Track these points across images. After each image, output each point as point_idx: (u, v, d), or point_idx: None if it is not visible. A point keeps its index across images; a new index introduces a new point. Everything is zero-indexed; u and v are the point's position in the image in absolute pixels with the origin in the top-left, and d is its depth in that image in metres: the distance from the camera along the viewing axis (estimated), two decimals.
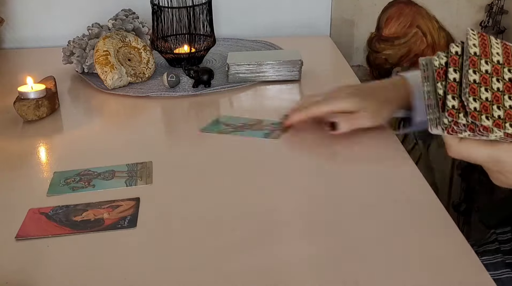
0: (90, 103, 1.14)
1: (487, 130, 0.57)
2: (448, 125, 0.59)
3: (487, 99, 0.57)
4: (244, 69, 1.17)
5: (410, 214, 0.73)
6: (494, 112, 0.57)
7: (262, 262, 0.65)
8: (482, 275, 0.62)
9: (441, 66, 0.60)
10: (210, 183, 0.82)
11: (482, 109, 0.56)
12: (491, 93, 0.57)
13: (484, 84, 0.57)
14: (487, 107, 0.57)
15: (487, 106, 0.57)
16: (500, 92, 0.58)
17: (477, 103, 0.57)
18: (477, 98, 0.57)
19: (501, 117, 0.57)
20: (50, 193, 0.81)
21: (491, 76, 0.58)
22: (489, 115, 0.57)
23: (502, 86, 0.58)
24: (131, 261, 0.67)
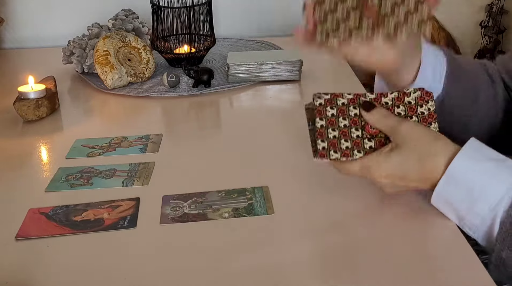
0: (90, 103, 1.14)
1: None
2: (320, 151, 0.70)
3: (334, 137, 0.70)
4: (244, 69, 1.17)
5: (410, 214, 0.73)
6: (342, 145, 0.70)
7: (262, 262, 0.65)
8: (484, 276, 0.62)
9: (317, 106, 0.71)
10: (210, 183, 0.82)
11: (331, 146, 0.70)
12: (338, 131, 0.70)
13: (331, 125, 0.70)
14: (335, 143, 0.70)
15: (335, 142, 0.70)
16: (346, 127, 0.70)
17: (325, 143, 0.70)
18: (325, 139, 0.70)
19: (348, 147, 0.70)
20: (49, 189, 0.82)
21: (337, 117, 0.71)
22: (337, 149, 0.70)
23: (348, 122, 0.71)
24: (131, 261, 0.67)
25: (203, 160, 0.89)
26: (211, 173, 0.85)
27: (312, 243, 0.69)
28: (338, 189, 0.79)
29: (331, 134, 0.70)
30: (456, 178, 0.64)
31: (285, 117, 1.02)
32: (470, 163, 0.64)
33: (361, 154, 0.69)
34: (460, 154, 0.64)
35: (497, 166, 0.64)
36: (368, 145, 0.69)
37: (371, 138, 0.70)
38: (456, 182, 0.64)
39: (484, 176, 0.64)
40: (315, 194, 0.79)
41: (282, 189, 0.79)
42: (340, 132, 0.70)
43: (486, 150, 0.66)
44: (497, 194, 0.63)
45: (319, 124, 0.70)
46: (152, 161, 0.88)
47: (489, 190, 0.63)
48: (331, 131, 0.70)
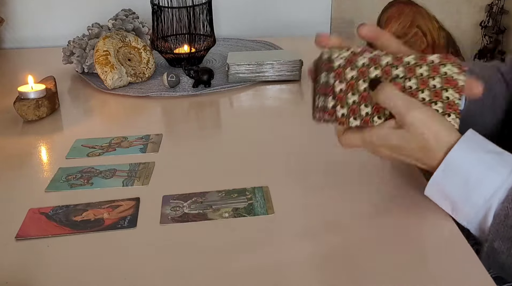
0: (90, 103, 1.14)
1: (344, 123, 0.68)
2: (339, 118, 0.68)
3: (354, 102, 0.67)
4: (244, 69, 1.17)
5: (410, 214, 0.73)
6: (362, 111, 0.67)
7: (262, 262, 0.65)
8: (484, 277, 0.62)
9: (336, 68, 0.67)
10: (210, 183, 0.82)
11: (350, 113, 0.67)
12: (358, 96, 0.67)
13: (350, 90, 0.67)
14: (354, 109, 0.67)
15: (355, 108, 0.67)
16: (355, 104, 0.68)
17: (344, 109, 0.67)
18: (345, 105, 0.67)
19: (368, 113, 0.67)
20: (49, 189, 0.82)
21: (357, 80, 0.67)
22: (356, 116, 0.68)
23: (357, 98, 0.67)
24: (131, 261, 0.67)
25: (203, 160, 0.89)
26: (211, 173, 0.85)
27: (312, 243, 0.69)
28: (338, 189, 0.79)
29: (350, 99, 0.67)
30: (453, 168, 0.65)
31: (285, 117, 1.02)
32: (468, 153, 0.65)
33: (381, 120, 0.67)
34: (458, 145, 0.65)
35: (494, 157, 0.65)
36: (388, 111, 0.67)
37: (380, 116, 0.68)
38: (453, 172, 0.65)
39: (481, 167, 0.64)
40: (315, 194, 0.79)
41: (282, 189, 0.79)
42: (360, 97, 0.67)
43: (485, 142, 0.67)
44: (493, 185, 0.63)
45: (338, 88, 0.67)
46: (152, 161, 0.88)
47: (485, 181, 0.64)
48: (351, 96, 0.67)
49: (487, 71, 0.85)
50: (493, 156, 0.65)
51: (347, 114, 0.68)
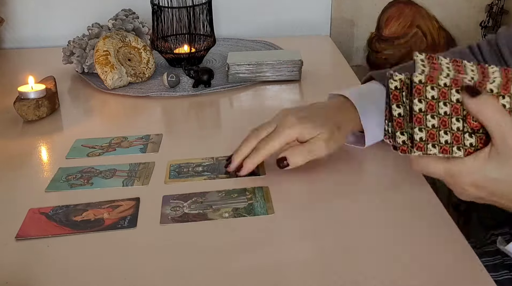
0: (90, 103, 1.14)
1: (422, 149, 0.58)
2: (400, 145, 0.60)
3: (433, 126, 0.57)
4: (244, 69, 1.17)
5: (410, 214, 0.73)
6: (441, 138, 0.57)
7: (262, 262, 0.65)
8: (484, 277, 0.62)
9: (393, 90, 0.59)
10: (210, 183, 0.82)
11: (429, 138, 0.57)
12: (437, 119, 0.57)
13: (430, 111, 0.57)
14: (433, 135, 0.57)
15: (434, 134, 0.57)
16: (447, 116, 0.57)
17: (423, 133, 0.57)
18: (424, 127, 0.57)
19: (448, 142, 0.57)
20: (49, 189, 0.82)
21: (438, 101, 0.57)
22: (435, 143, 0.57)
23: (449, 109, 0.57)
24: (131, 261, 0.67)
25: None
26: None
27: (312, 243, 0.69)
28: (338, 189, 0.79)
29: (430, 123, 0.57)
30: None
31: None
32: None
33: (461, 152, 0.57)
34: None
35: None
36: (468, 142, 0.57)
37: (472, 133, 0.57)
38: None
39: None
40: (315, 194, 0.79)
41: (282, 189, 0.79)
42: (440, 122, 0.57)
43: None
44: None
45: (417, 107, 0.56)
46: (152, 161, 0.88)
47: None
48: (430, 119, 0.57)
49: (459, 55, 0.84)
50: None
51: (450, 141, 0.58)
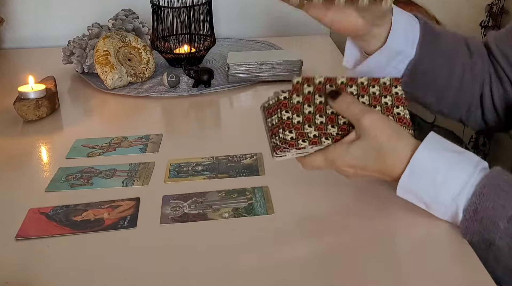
0: (90, 103, 1.14)
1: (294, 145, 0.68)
2: (275, 146, 0.69)
3: (298, 122, 0.68)
4: (244, 69, 1.17)
5: (409, 214, 0.73)
6: (309, 133, 0.68)
7: (262, 262, 0.65)
8: (484, 277, 0.62)
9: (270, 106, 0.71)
10: (210, 183, 0.82)
11: (298, 136, 0.68)
12: (302, 116, 0.69)
13: (296, 111, 0.69)
14: (302, 132, 0.68)
15: (301, 131, 0.68)
16: (311, 114, 0.69)
17: (292, 133, 0.68)
18: (292, 129, 0.68)
19: (316, 135, 0.68)
20: (49, 189, 0.82)
21: (302, 104, 0.69)
22: (305, 138, 0.68)
23: (313, 109, 0.69)
24: (131, 261, 0.67)
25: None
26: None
27: (312, 243, 0.69)
28: (338, 189, 0.79)
29: (295, 120, 0.69)
30: (419, 169, 0.66)
31: None
32: (432, 154, 0.66)
33: (329, 141, 0.68)
34: (422, 146, 0.66)
35: (457, 156, 0.66)
36: (334, 131, 0.69)
37: (334, 124, 0.70)
38: (419, 173, 0.66)
39: (446, 165, 0.65)
40: (315, 194, 0.79)
41: (282, 189, 0.79)
42: (304, 119, 0.69)
43: (447, 143, 0.68)
44: (459, 183, 0.65)
45: (285, 116, 0.69)
46: (152, 161, 0.88)
47: (451, 179, 0.65)
48: (296, 117, 0.69)
49: (453, 37, 0.84)
50: (456, 154, 0.66)
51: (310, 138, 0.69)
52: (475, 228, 0.64)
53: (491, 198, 0.63)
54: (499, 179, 0.65)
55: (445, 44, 0.81)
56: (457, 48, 0.83)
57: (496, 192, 0.63)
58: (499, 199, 0.63)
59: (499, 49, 0.83)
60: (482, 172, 0.65)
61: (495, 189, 0.63)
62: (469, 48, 0.84)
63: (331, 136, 0.69)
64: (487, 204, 0.63)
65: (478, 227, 0.64)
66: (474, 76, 0.83)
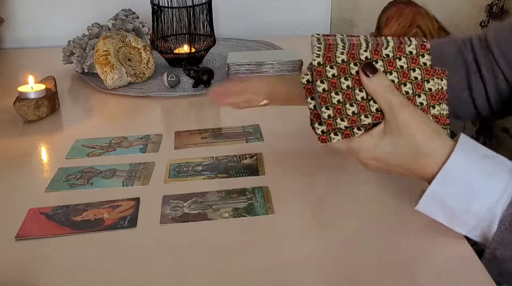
0: (90, 103, 1.14)
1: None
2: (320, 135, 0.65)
3: (338, 101, 0.62)
4: (244, 69, 1.17)
5: (410, 214, 0.73)
6: (348, 110, 0.62)
7: (262, 262, 0.65)
8: (484, 278, 0.62)
9: (306, 84, 0.65)
10: (210, 183, 0.82)
11: (336, 113, 0.62)
12: (341, 94, 0.62)
13: (333, 88, 0.62)
14: (340, 110, 0.62)
15: (340, 108, 0.62)
16: (350, 89, 0.62)
17: (330, 110, 0.62)
18: (330, 105, 0.62)
19: (355, 113, 0.63)
20: (49, 189, 0.82)
21: (339, 77, 0.62)
22: (343, 116, 0.63)
23: (351, 82, 0.62)
24: (131, 261, 0.67)
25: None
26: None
27: (312, 243, 0.69)
28: (338, 189, 0.79)
29: (334, 99, 0.62)
30: (453, 175, 0.62)
31: (285, 118, 1.02)
32: (467, 160, 0.62)
33: (369, 119, 0.63)
34: (457, 151, 0.62)
35: (491, 162, 0.63)
36: (374, 107, 0.63)
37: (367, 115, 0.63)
38: (453, 180, 0.62)
39: (483, 174, 0.62)
40: (315, 194, 0.79)
41: (282, 189, 0.79)
42: (344, 96, 0.62)
43: (480, 146, 0.64)
44: (496, 192, 0.61)
45: (320, 87, 0.62)
46: (152, 161, 0.88)
47: (488, 188, 0.61)
48: (335, 95, 0.62)
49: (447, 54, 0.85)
50: (490, 161, 0.63)
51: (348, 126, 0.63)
52: (510, 241, 0.61)
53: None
54: None
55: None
56: (453, 67, 0.83)
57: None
58: None
59: (499, 49, 0.82)
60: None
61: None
62: (458, 45, 0.85)
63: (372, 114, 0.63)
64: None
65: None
66: (459, 64, 0.84)
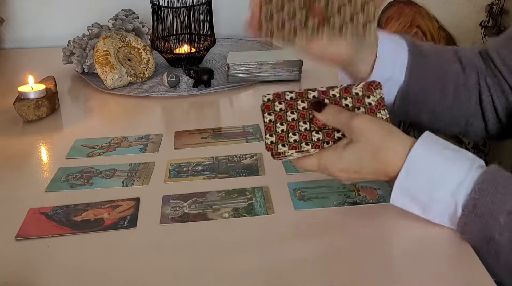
0: (90, 103, 1.14)
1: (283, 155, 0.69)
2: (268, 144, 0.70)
3: (282, 131, 0.70)
4: (244, 69, 1.17)
5: (409, 213, 0.73)
6: (290, 138, 0.69)
7: (262, 262, 0.65)
8: (485, 278, 0.62)
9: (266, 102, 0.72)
10: (210, 182, 0.82)
11: (279, 140, 0.69)
12: (286, 124, 0.70)
13: (279, 119, 0.70)
14: (283, 137, 0.69)
15: (283, 136, 0.69)
16: (294, 121, 0.70)
17: (273, 137, 0.70)
18: (273, 133, 0.70)
19: (296, 141, 0.69)
20: (49, 189, 0.82)
21: (285, 111, 0.71)
22: (285, 143, 0.69)
23: (296, 115, 0.70)
24: (131, 261, 0.67)
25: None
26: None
27: (312, 243, 0.69)
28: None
29: (279, 129, 0.70)
30: (415, 168, 0.65)
31: None
32: (428, 152, 0.65)
33: (309, 146, 0.69)
34: (418, 144, 0.65)
35: (454, 153, 0.66)
36: (315, 137, 0.69)
37: (319, 130, 0.69)
38: (416, 171, 0.65)
39: (443, 162, 0.65)
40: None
41: (282, 189, 0.79)
42: (288, 126, 0.70)
43: (442, 141, 0.68)
44: (457, 178, 0.64)
45: (267, 119, 0.71)
46: (152, 161, 0.88)
47: (449, 175, 0.64)
48: (279, 125, 0.70)
49: (443, 54, 0.84)
50: (452, 152, 0.66)
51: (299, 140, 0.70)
52: (475, 224, 0.64)
53: (490, 193, 0.63)
54: (497, 174, 0.64)
55: (435, 65, 0.81)
56: (447, 66, 0.82)
57: (495, 187, 0.63)
58: (498, 194, 0.62)
59: (500, 58, 0.81)
60: (479, 168, 0.65)
61: (494, 184, 0.63)
62: (461, 62, 0.83)
63: (312, 142, 0.69)
64: (487, 199, 0.62)
65: (477, 223, 0.63)
66: (468, 90, 0.82)
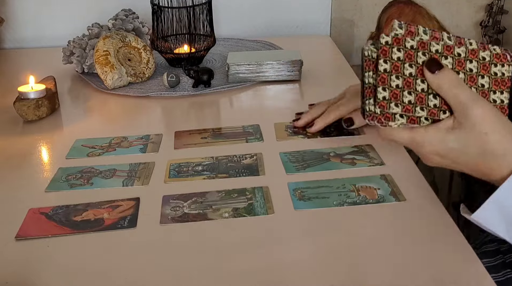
0: (90, 103, 1.14)
1: (390, 119, 0.61)
2: (368, 114, 0.62)
3: (397, 86, 0.60)
4: (244, 69, 1.17)
5: (409, 214, 0.73)
6: (405, 98, 0.60)
7: (262, 262, 0.65)
8: (485, 278, 0.62)
9: (369, 58, 0.62)
10: (210, 183, 0.82)
11: (392, 97, 0.60)
12: (402, 79, 0.60)
13: (395, 71, 0.60)
14: (397, 95, 0.60)
15: (397, 93, 0.60)
16: (412, 77, 0.60)
17: (386, 92, 0.60)
18: (387, 87, 0.60)
19: (411, 102, 0.60)
20: (49, 189, 0.82)
21: (403, 63, 0.60)
22: (398, 102, 0.60)
23: (415, 71, 0.60)
24: (131, 261, 0.67)
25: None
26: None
27: (312, 243, 0.69)
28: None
29: (393, 83, 0.60)
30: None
31: (285, 118, 1.02)
32: None
33: (424, 113, 0.60)
34: None
35: None
36: (432, 103, 0.60)
37: (437, 95, 0.60)
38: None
39: None
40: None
41: (282, 189, 0.79)
42: (404, 82, 0.60)
43: None
44: None
45: (382, 67, 0.60)
46: (152, 161, 0.88)
47: None
48: (395, 79, 0.60)
49: None
50: None
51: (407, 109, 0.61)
52: None
53: None
54: None
55: None
56: None
57: None
58: None
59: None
60: None
61: None
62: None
63: (428, 108, 0.61)
64: None
65: None
66: None
